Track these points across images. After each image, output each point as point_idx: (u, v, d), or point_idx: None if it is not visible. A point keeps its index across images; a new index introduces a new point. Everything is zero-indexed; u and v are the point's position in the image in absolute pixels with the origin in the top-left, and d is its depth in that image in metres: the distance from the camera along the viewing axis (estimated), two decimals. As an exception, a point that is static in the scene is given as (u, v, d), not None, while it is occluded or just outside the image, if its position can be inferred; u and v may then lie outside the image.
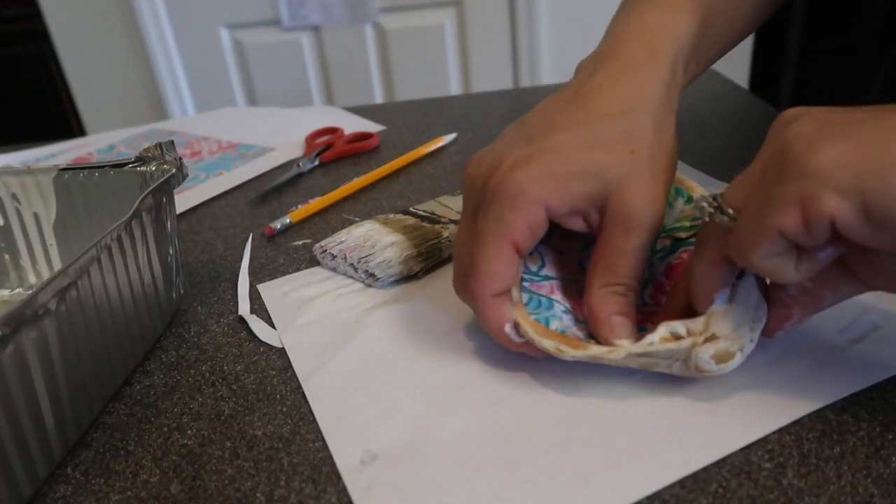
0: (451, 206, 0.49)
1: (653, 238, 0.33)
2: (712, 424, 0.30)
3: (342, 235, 0.46)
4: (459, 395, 0.33)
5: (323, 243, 0.46)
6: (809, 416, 0.30)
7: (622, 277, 0.33)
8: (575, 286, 0.37)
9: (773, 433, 0.29)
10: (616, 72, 0.36)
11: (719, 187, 0.50)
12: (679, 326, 0.31)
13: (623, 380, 0.33)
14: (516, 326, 0.33)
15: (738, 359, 0.30)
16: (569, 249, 0.39)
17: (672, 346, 0.30)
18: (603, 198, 0.33)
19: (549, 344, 0.32)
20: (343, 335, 0.39)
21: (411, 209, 0.49)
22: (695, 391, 0.32)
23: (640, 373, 0.33)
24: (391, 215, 0.48)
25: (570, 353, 0.31)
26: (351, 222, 0.52)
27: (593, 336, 0.34)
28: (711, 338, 0.30)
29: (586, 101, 0.35)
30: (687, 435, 0.29)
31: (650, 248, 0.34)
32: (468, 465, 0.29)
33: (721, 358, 0.30)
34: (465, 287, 0.34)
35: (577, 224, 0.34)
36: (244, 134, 0.74)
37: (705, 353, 0.30)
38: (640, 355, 0.31)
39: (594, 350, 0.31)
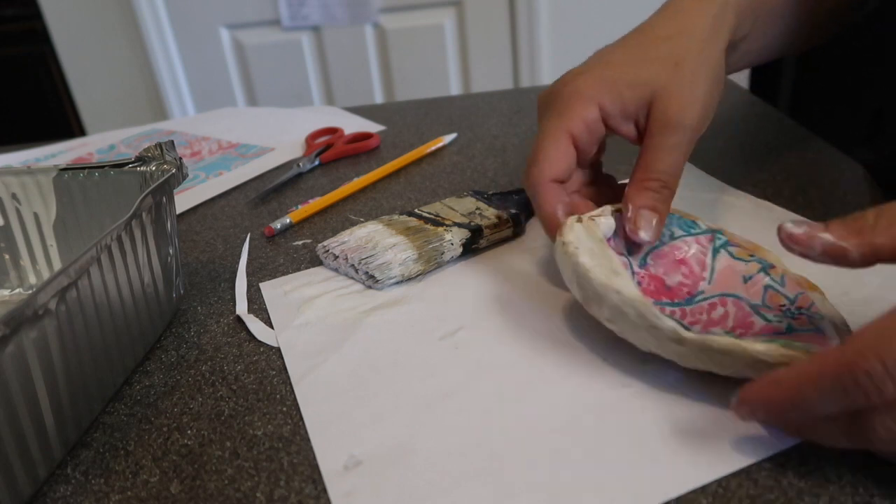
0: (456, 208, 0.48)
1: (692, 139, 0.38)
2: (706, 444, 0.29)
3: (345, 236, 0.46)
4: (448, 404, 0.33)
5: (325, 243, 0.46)
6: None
7: (658, 173, 0.36)
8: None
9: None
10: (668, 13, 0.41)
11: (718, 188, 0.50)
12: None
13: (615, 395, 0.32)
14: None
15: None
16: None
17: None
18: (649, 103, 0.38)
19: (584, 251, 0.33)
20: (339, 337, 0.38)
21: (416, 210, 0.49)
22: (689, 409, 0.31)
23: (632, 388, 0.32)
24: (395, 216, 0.48)
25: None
26: (353, 223, 0.52)
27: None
28: None
29: (639, 33, 0.41)
30: (680, 454, 0.29)
31: (689, 149, 0.38)
32: (451, 476, 0.29)
33: None
34: (528, 174, 0.38)
35: (629, 129, 0.39)
36: (244, 134, 0.74)
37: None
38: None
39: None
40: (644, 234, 0.36)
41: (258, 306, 0.43)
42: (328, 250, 0.45)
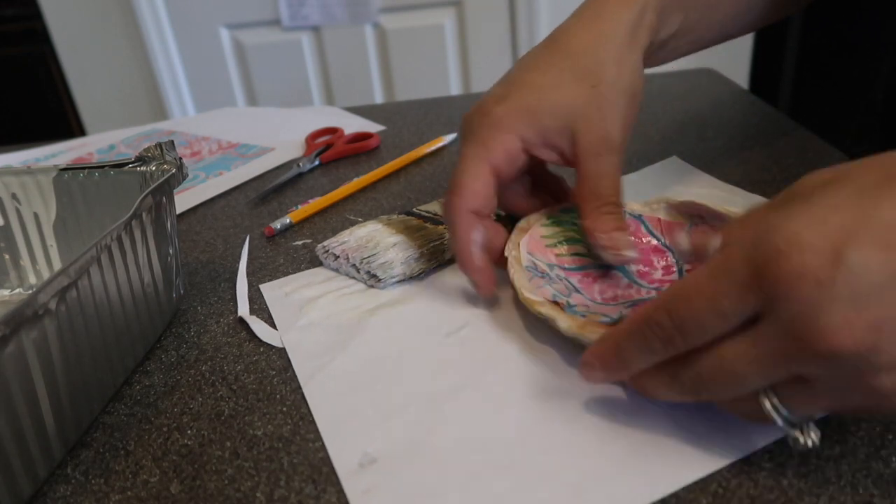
0: (452, 206, 0.49)
1: (621, 156, 0.38)
2: (713, 433, 0.29)
3: (345, 236, 0.46)
4: (459, 399, 0.33)
5: (325, 244, 0.46)
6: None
7: (608, 196, 0.37)
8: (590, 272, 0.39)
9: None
10: (587, 16, 0.40)
11: (719, 187, 0.50)
12: None
13: (624, 387, 0.32)
14: (505, 262, 0.37)
15: None
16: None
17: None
18: (571, 130, 0.38)
19: (539, 305, 0.34)
20: (344, 336, 0.39)
21: (414, 210, 0.49)
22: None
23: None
24: (394, 216, 0.48)
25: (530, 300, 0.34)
26: (354, 223, 0.52)
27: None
28: None
29: (556, 43, 0.40)
30: (690, 443, 0.29)
31: (621, 164, 0.38)
32: (467, 470, 0.29)
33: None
34: (447, 203, 0.38)
35: (550, 155, 0.39)
36: (244, 134, 0.74)
37: None
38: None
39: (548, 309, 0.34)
40: (629, 253, 0.36)
41: (259, 306, 0.43)
42: (328, 250, 0.45)
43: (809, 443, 0.26)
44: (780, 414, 0.25)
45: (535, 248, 0.39)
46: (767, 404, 0.26)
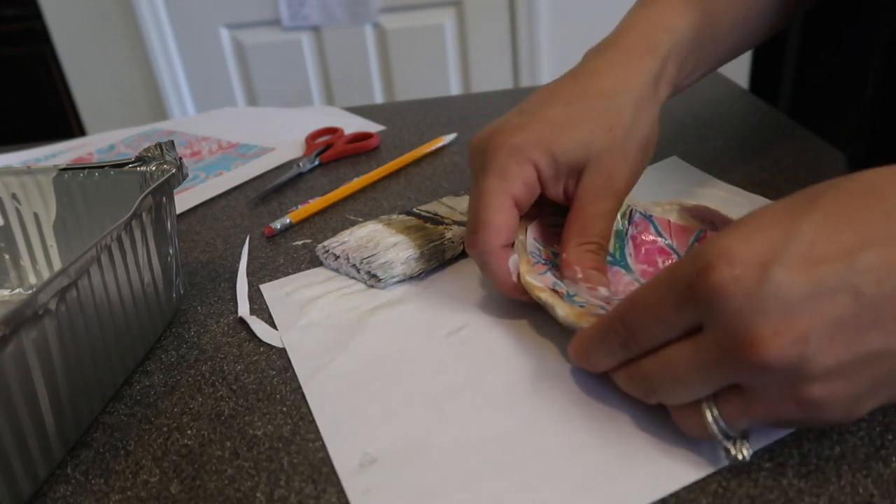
0: (455, 206, 0.49)
1: (619, 205, 0.39)
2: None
3: (345, 236, 0.46)
4: (459, 399, 0.33)
5: (325, 243, 0.46)
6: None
7: (595, 237, 0.38)
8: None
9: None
10: (613, 59, 0.40)
11: (719, 186, 0.50)
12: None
13: None
14: (517, 274, 0.37)
15: None
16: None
17: None
18: (581, 167, 0.38)
19: (539, 291, 0.35)
20: (344, 336, 0.39)
21: (414, 210, 0.49)
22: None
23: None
24: (394, 216, 0.48)
25: (550, 301, 0.34)
26: (354, 223, 0.52)
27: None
28: None
29: (580, 80, 0.40)
30: (690, 443, 0.29)
31: (618, 210, 0.39)
32: (467, 470, 0.29)
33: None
34: (476, 242, 0.37)
35: (556, 191, 0.39)
36: (244, 134, 0.74)
37: None
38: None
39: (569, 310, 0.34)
40: (603, 291, 0.37)
41: (259, 306, 0.43)
42: (328, 250, 0.45)
43: (740, 456, 0.27)
44: (719, 426, 0.27)
45: (541, 235, 0.40)
46: (708, 415, 0.27)
